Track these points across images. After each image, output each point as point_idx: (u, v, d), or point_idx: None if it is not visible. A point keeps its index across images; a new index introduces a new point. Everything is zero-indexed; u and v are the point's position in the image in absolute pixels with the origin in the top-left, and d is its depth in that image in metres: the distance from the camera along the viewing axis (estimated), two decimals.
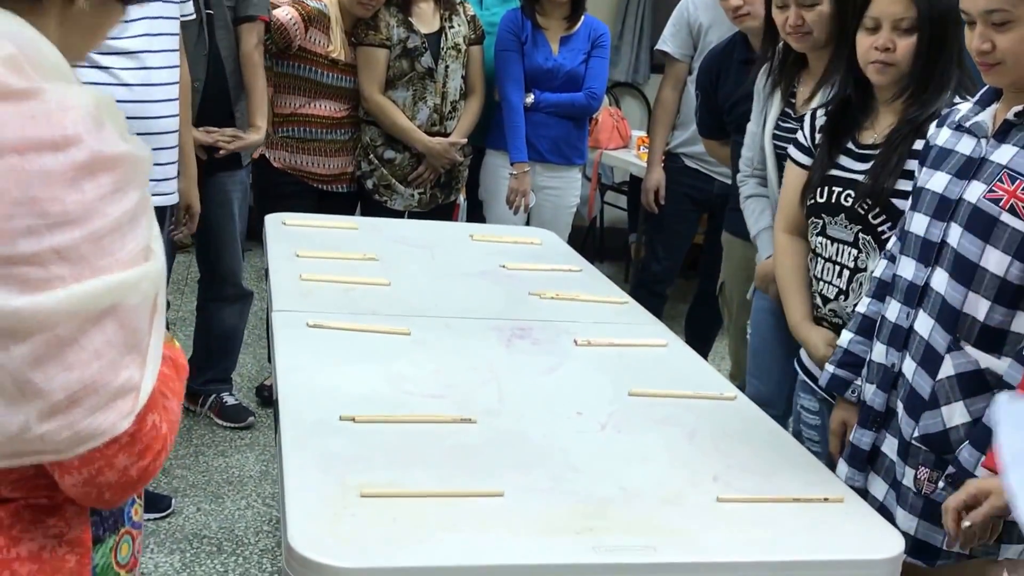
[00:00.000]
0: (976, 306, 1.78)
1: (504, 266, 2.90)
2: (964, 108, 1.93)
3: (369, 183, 3.93)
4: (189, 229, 3.28)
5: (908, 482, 1.89)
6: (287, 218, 3.16)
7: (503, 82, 4.03)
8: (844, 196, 2.24)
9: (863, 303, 2.11)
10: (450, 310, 2.49)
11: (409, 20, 3.81)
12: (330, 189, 3.92)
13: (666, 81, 4.23)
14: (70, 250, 0.99)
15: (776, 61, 2.77)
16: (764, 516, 1.64)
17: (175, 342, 1.26)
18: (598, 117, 5.59)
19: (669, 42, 4.12)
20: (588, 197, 5.75)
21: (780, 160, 2.71)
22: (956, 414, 1.81)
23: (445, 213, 4.18)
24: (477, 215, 4.27)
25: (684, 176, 4.18)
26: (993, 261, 1.75)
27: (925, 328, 1.87)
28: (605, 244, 6.46)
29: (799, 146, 2.43)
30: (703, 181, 4.11)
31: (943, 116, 2.01)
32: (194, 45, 3.37)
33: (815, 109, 2.43)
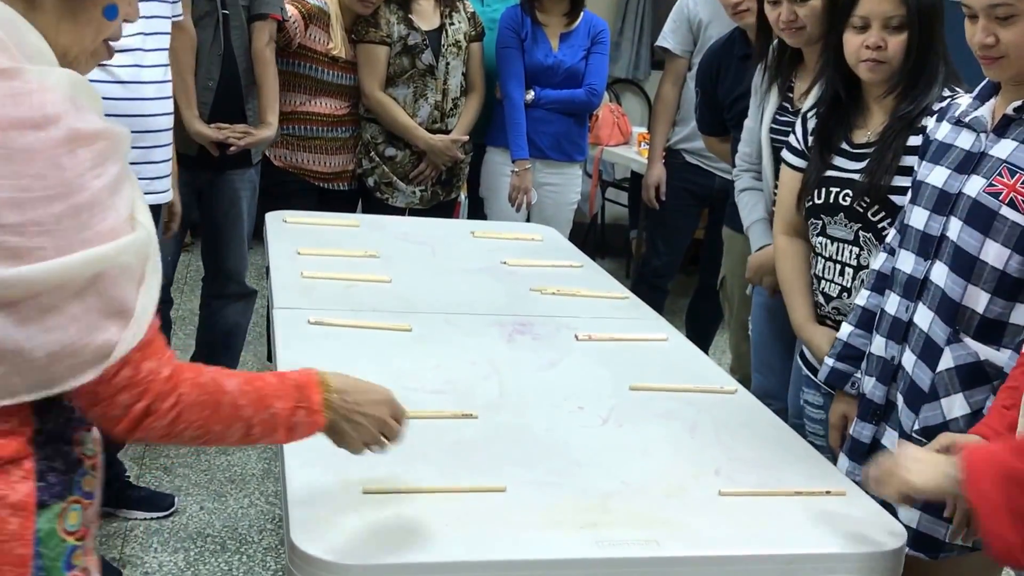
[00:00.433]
0: (975, 299, 1.79)
1: (505, 262, 2.91)
2: (963, 103, 1.93)
3: (370, 181, 3.93)
4: (172, 229, 3.22)
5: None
6: (288, 216, 3.17)
7: (504, 79, 4.03)
8: (842, 196, 2.24)
9: (862, 296, 2.11)
10: (451, 306, 2.49)
11: (409, 17, 3.81)
12: (331, 187, 3.92)
13: (666, 77, 4.23)
14: (52, 222, 1.05)
15: (771, 57, 2.77)
16: (766, 509, 1.65)
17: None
18: (599, 113, 5.59)
19: (669, 38, 4.12)
20: (589, 194, 5.75)
21: (777, 153, 2.71)
22: (956, 406, 1.81)
23: (446, 210, 4.18)
24: (478, 212, 4.27)
25: (685, 172, 4.18)
26: (993, 254, 1.76)
27: (925, 321, 1.87)
28: (606, 240, 6.45)
29: (792, 149, 2.43)
30: (704, 177, 4.11)
31: (942, 110, 2.01)
32: (210, 44, 3.38)
33: (806, 112, 2.43)
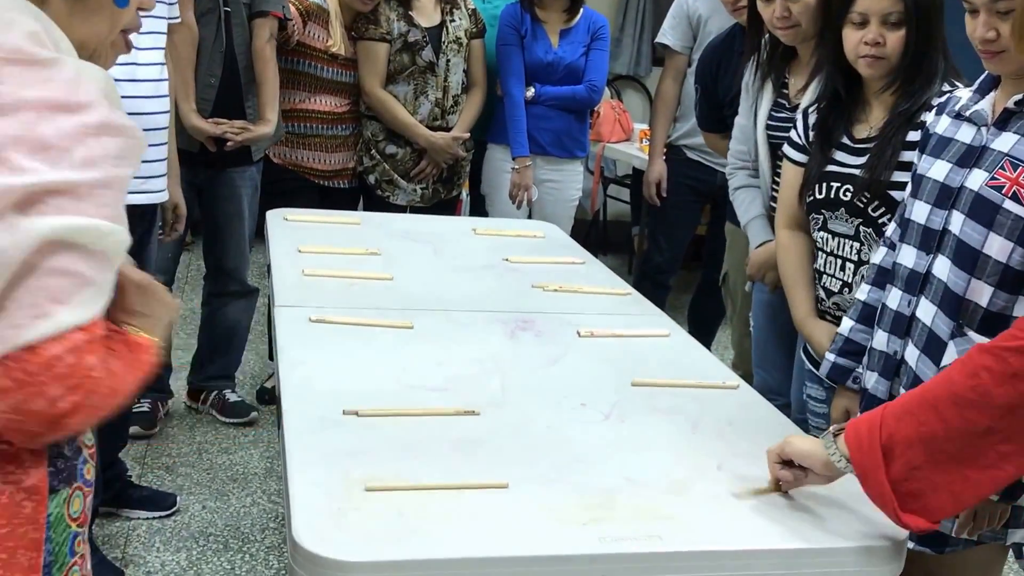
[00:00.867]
0: (979, 292, 1.78)
1: (507, 259, 2.90)
2: (963, 96, 1.93)
3: (371, 178, 3.93)
4: (177, 230, 3.21)
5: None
6: (289, 214, 3.17)
7: (504, 76, 4.03)
8: (843, 191, 2.24)
9: (862, 290, 2.11)
10: (453, 303, 2.49)
11: (409, 14, 3.81)
12: (331, 185, 3.91)
13: (666, 73, 4.23)
14: (67, 188, 1.10)
15: (764, 54, 2.77)
16: (769, 504, 1.64)
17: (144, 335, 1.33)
18: (600, 110, 5.59)
19: (669, 34, 4.12)
20: (591, 191, 5.75)
21: (774, 150, 2.71)
22: None
23: (448, 208, 4.17)
24: (480, 209, 4.27)
25: (686, 168, 4.18)
26: (996, 248, 1.75)
27: (927, 315, 1.86)
28: (608, 237, 6.45)
29: (794, 144, 2.43)
30: (705, 173, 4.11)
31: (941, 104, 2.01)
32: (212, 41, 3.38)
33: (807, 107, 2.43)
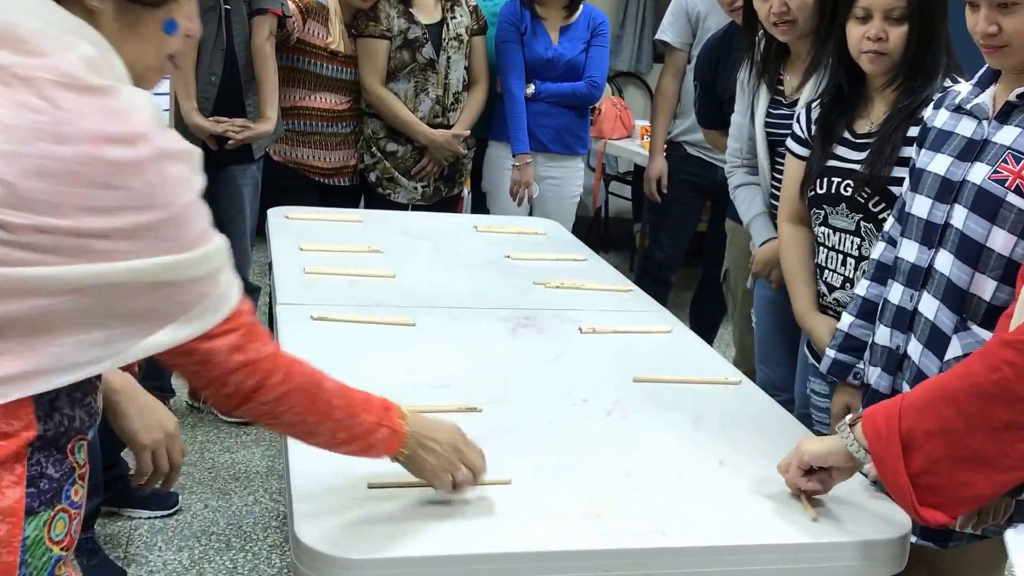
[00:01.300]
0: (982, 286, 1.78)
1: (508, 256, 2.90)
2: (963, 90, 1.92)
3: (372, 176, 3.92)
4: None
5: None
6: (290, 211, 3.17)
7: (504, 73, 4.02)
8: (843, 186, 2.24)
9: (861, 286, 2.11)
10: (455, 301, 2.49)
11: (409, 11, 3.80)
12: (332, 183, 3.91)
13: (666, 70, 4.22)
14: (136, 230, 1.14)
15: (758, 53, 2.76)
16: (771, 499, 1.64)
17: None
18: (601, 107, 5.58)
19: (668, 31, 4.11)
20: (593, 188, 5.74)
21: (773, 147, 2.71)
22: None
23: (449, 206, 4.16)
24: (481, 207, 4.26)
25: (687, 164, 4.18)
26: (999, 241, 1.75)
27: (930, 309, 1.86)
28: (610, 234, 6.45)
29: (796, 138, 2.43)
30: (706, 169, 4.11)
31: (939, 98, 2.00)
32: (213, 39, 3.38)
33: (810, 102, 2.43)
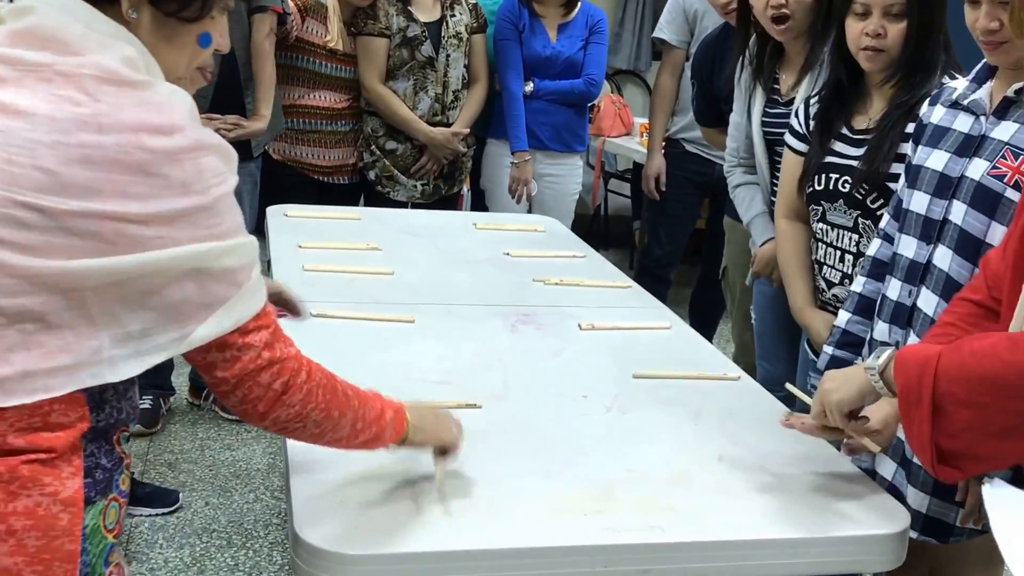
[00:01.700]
0: None
1: (508, 253, 2.91)
2: (960, 86, 1.92)
3: (371, 174, 3.92)
4: None
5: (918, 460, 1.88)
6: (289, 209, 3.17)
7: (502, 71, 4.02)
8: (841, 182, 2.24)
9: (858, 282, 2.11)
10: (454, 298, 2.49)
11: (409, 9, 3.80)
12: (331, 181, 3.91)
13: (664, 68, 4.23)
14: (173, 216, 1.18)
15: (752, 52, 2.76)
16: (771, 494, 1.64)
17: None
18: (600, 105, 5.58)
19: (665, 29, 4.11)
20: (592, 185, 5.74)
21: (771, 146, 2.71)
22: None
23: (449, 204, 4.16)
24: (480, 204, 4.27)
25: (685, 161, 4.18)
26: (999, 237, 1.75)
27: (929, 305, 1.86)
28: (610, 232, 6.45)
29: (795, 133, 2.43)
30: (704, 165, 4.11)
31: (935, 94, 2.01)
32: None
33: (809, 97, 2.43)
